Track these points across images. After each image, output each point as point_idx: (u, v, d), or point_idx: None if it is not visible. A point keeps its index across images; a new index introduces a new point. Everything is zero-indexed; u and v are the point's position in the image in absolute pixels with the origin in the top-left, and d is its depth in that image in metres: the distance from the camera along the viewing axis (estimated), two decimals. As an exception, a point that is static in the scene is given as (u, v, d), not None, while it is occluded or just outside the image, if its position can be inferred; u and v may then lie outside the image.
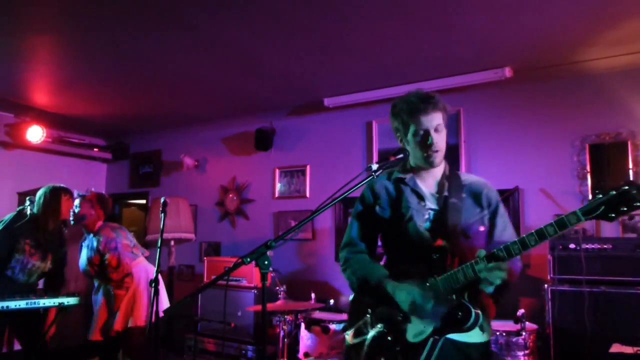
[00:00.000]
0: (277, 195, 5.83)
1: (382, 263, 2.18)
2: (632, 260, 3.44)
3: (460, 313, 1.84)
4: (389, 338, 1.93)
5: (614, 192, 1.63)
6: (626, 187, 1.61)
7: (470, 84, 4.31)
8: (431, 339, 1.86)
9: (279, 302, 4.18)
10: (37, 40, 3.78)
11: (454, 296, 1.88)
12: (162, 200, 3.56)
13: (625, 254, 3.47)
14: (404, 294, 1.93)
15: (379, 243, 2.24)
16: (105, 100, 5.30)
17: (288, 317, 4.07)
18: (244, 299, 4.95)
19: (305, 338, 4.04)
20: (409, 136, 2.04)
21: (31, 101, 5.28)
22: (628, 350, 2.94)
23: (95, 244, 3.76)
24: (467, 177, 2.13)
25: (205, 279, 5.32)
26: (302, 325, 4.08)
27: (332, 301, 4.56)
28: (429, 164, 2.05)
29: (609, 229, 3.99)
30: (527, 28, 3.47)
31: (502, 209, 2.11)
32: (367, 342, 1.98)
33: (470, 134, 4.64)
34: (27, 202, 3.66)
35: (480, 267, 1.80)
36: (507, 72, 4.09)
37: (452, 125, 4.73)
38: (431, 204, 2.05)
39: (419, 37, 3.64)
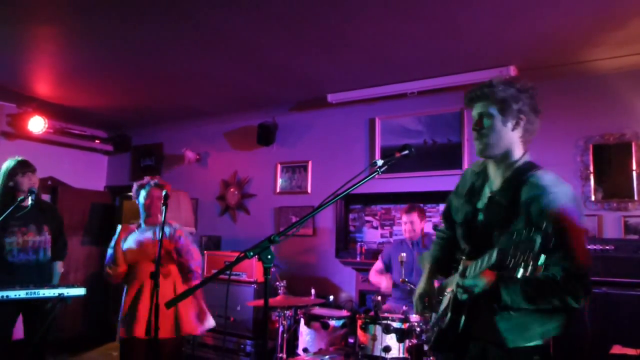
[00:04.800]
0: (278, 190, 5.82)
1: None
2: (634, 261, 3.42)
3: (442, 313, 1.99)
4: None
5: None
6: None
7: (474, 82, 4.28)
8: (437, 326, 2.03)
9: (278, 297, 4.17)
10: (40, 31, 3.76)
11: (446, 296, 2.01)
12: (163, 193, 3.54)
13: (627, 255, 3.46)
14: (421, 289, 2.17)
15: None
16: (107, 92, 5.28)
17: (288, 313, 4.06)
18: (244, 293, 4.95)
19: (305, 333, 4.04)
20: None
21: (33, 92, 5.27)
22: (630, 352, 2.93)
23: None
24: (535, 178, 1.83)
25: (205, 273, 5.32)
26: (302, 321, 4.08)
27: (331, 297, 4.56)
28: (478, 151, 1.98)
29: (611, 231, 3.99)
30: (533, 27, 3.44)
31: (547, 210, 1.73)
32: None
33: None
34: (28, 193, 3.63)
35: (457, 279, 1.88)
36: (512, 70, 4.06)
37: (456, 124, 4.72)
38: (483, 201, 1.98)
39: (424, 34, 3.62)
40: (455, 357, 2.01)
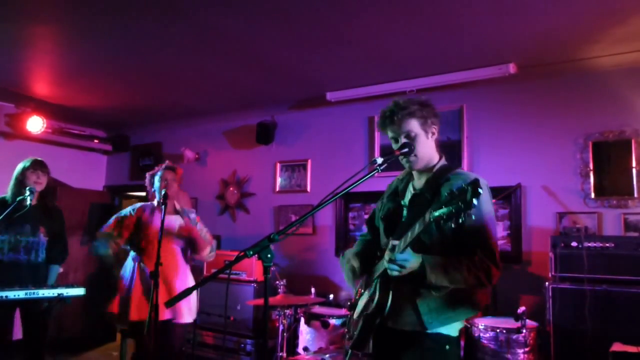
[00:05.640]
0: (277, 189, 5.81)
1: None
2: (634, 259, 3.43)
3: (370, 299, 2.08)
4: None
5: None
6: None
7: (474, 79, 4.28)
8: (362, 317, 2.13)
9: (278, 296, 4.17)
10: (38, 30, 3.75)
11: (374, 282, 2.10)
12: (162, 192, 3.54)
13: (627, 252, 3.46)
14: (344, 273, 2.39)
15: None
16: (106, 91, 5.27)
17: (288, 311, 4.06)
18: (244, 292, 4.94)
19: (305, 332, 4.04)
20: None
21: (32, 91, 5.26)
22: (631, 349, 2.93)
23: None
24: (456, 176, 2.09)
25: (204, 272, 5.31)
26: (302, 320, 4.08)
27: (331, 296, 4.55)
28: (409, 167, 2.17)
29: (611, 228, 3.98)
30: (532, 24, 3.44)
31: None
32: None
33: (473, 130, 4.62)
34: (27, 192, 3.62)
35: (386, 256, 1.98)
36: (512, 68, 4.05)
37: (455, 121, 4.71)
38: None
39: (424, 31, 3.61)
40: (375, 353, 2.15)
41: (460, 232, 1.86)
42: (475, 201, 1.57)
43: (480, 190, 1.56)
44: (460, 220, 1.62)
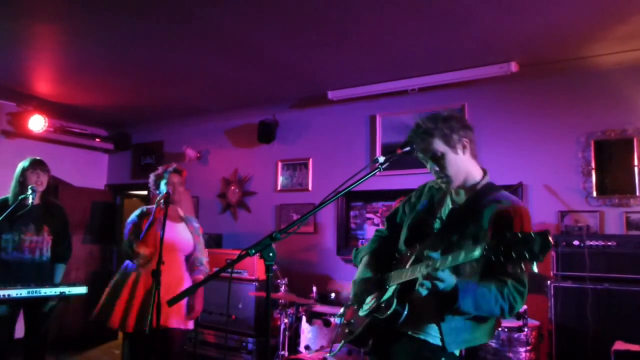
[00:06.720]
0: (279, 188, 5.81)
1: None
2: (636, 257, 3.43)
3: (384, 304, 1.96)
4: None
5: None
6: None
7: (475, 78, 4.27)
8: (370, 317, 2.04)
9: (280, 295, 4.18)
10: (40, 29, 3.75)
11: (391, 287, 1.98)
12: (166, 193, 3.53)
13: (629, 251, 3.46)
14: (356, 277, 2.26)
15: None
16: (107, 90, 5.27)
17: (289, 310, 4.07)
18: (245, 291, 4.95)
19: (306, 331, 4.04)
20: None
21: (34, 90, 5.26)
22: (633, 348, 2.93)
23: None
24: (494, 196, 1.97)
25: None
26: (303, 318, 4.08)
27: (333, 294, 4.56)
28: (446, 188, 2.08)
29: (613, 226, 3.98)
30: (534, 22, 3.43)
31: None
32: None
33: (474, 129, 4.60)
34: (29, 191, 3.62)
35: (422, 269, 1.82)
36: (513, 66, 4.05)
37: (457, 120, 4.70)
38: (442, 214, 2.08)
39: (425, 30, 3.60)
40: (375, 351, 2.10)
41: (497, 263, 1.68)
42: (542, 257, 1.44)
43: (550, 244, 1.43)
44: (518, 270, 1.57)
